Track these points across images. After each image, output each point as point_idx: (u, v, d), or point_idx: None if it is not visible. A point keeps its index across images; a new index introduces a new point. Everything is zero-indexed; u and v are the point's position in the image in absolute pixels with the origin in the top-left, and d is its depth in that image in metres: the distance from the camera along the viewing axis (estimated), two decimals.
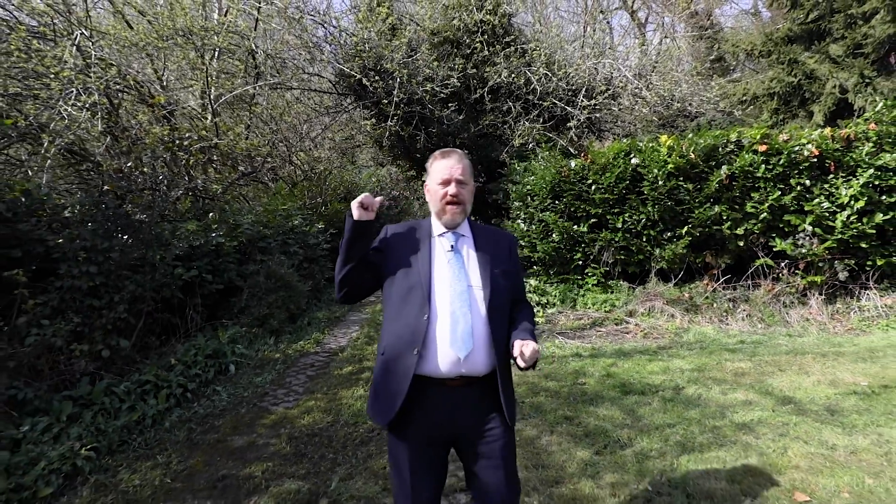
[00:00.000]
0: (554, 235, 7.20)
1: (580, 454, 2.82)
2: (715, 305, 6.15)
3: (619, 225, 6.75)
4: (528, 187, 7.61)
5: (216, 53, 6.87)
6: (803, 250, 5.96)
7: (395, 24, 8.35)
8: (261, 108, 8.25)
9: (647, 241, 6.71)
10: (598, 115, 8.90)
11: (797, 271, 6.18)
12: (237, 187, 7.37)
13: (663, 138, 6.76)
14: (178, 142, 5.54)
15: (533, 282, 7.45)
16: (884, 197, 5.68)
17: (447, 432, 1.54)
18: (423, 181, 1.76)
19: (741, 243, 6.32)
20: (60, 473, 2.85)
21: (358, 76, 7.32)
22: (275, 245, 7.29)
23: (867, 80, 9.83)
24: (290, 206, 8.41)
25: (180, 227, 5.68)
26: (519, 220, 7.92)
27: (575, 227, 7.02)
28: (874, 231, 5.69)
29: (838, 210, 5.82)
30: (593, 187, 6.95)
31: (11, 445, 2.98)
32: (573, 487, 2.49)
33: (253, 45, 7.01)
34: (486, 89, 8.52)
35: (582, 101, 8.34)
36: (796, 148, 6.03)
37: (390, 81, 7.60)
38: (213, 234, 5.88)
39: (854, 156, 5.87)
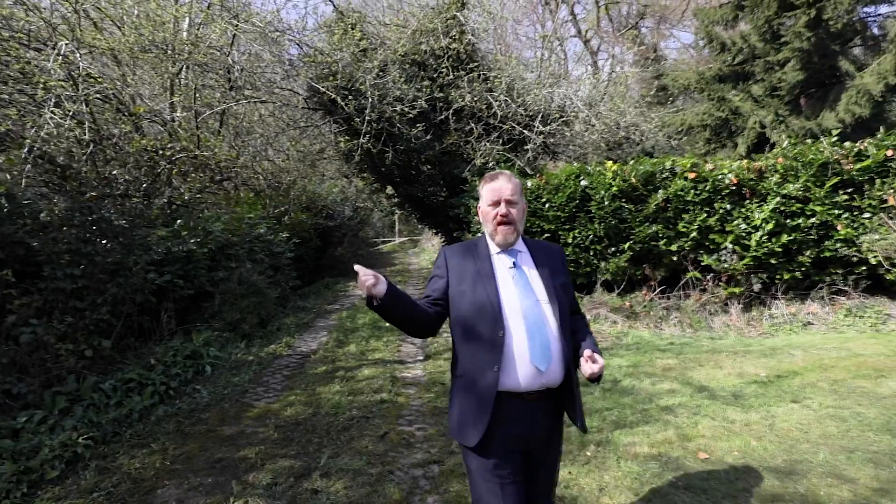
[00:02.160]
0: None
1: None
2: (652, 313, 6.93)
3: (570, 240, 7.46)
4: None
5: (192, 67, 7.10)
6: (726, 265, 6.87)
7: (367, 47, 8.83)
8: (237, 120, 8.48)
9: (594, 255, 7.45)
10: (552, 139, 9.71)
11: (720, 283, 7.08)
12: (209, 195, 7.54)
13: (609, 164, 7.57)
14: (160, 151, 5.74)
15: None
16: (788, 220, 6.67)
17: (524, 444, 1.59)
18: (478, 205, 1.79)
19: (675, 258, 7.17)
20: (63, 459, 3.08)
21: (333, 95, 7.73)
22: (242, 252, 7.51)
23: (781, 118, 11.24)
24: (256, 214, 8.63)
25: (151, 234, 5.86)
26: (479, 234, 8.51)
27: None
28: (781, 249, 6.66)
29: (753, 231, 6.77)
30: (547, 205, 7.65)
31: (11, 434, 3.18)
32: None
33: (230, 61, 7.29)
34: (450, 111, 9.14)
35: (538, 126, 9.11)
36: (719, 176, 6.97)
37: (363, 101, 8.05)
38: (189, 241, 6.08)
39: (765, 185, 6.86)
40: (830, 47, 10.93)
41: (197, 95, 6.89)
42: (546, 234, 7.66)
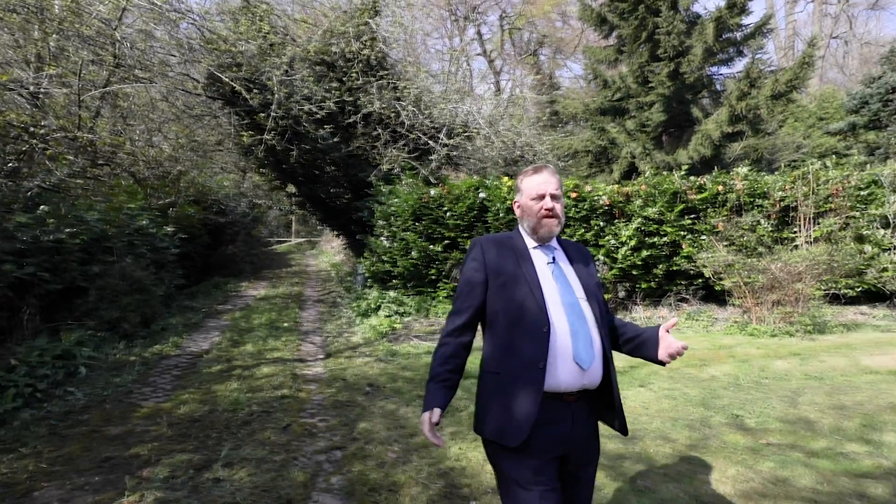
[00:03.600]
0: (413, 253, 8.19)
1: None
2: None
3: (468, 247, 8.03)
4: (393, 208, 8.51)
5: (72, 38, 6.43)
6: (599, 275, 7.91)
7: (275, 42, 8.65)
8: (125, 101, 7.76)
9: None
10: (455, 151, 10.30)
11: None
12: (86, 181, 6.84)
13: (505, 179, 8.30)
14: (31, 129, 5.14)
15: (392, 294, 8.31)
16: (647, 238, 7.90)
17: (563, 448, 1.49)
18: (514, 200, 1.73)
19: None
20: None
21: (236, 87, 7.48)
22: (121, 246, 6.91)
23: (647, 151, 13.10)
24: (136, 205, 7.96)
25: (9, 219, 5.21)
26: (382, 238, 8.76)
27: (431, 246, 8.11)
28: (641, 263, 7.87)
29: (620, 246, 7.90)
30: (448, 213, 8.15)
31: None
32: (424, 438, 3.33)
33: (118, 36, 6.72)
34: (359, 115, 9.28)
35: (443, 138, 9.63)
36: (595, 197, 8.03)
37: (269, 96, 7.89)
38: (61, 230, 5.50)
39: (631, 207, 8.05)
40: (685, 96, 13.02)
41: (82, 72, 6.25)
42: (446, 241, 8.15)
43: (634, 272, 7.94)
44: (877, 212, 7.59)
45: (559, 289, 1.55)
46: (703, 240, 7.69)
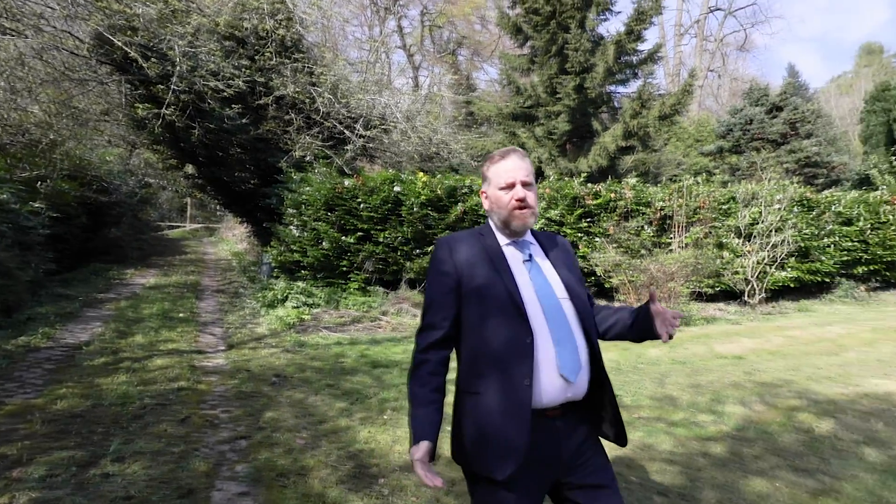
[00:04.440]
0: (324, 243, 8.05)
1: (339, 405, 3.75)
2: None
3: (381, 239, 8.08)
4: (304, 197, 8.28)
5: None
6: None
7: (178, 8, 7.96)
8: None
9: (402, 255, 8.22)
10: (371, 143, 10.25)
11: None
12: None
13: (420, 174, 8.47)
14: None
15: (301, 284, 8.10)
16: None
17: (551, 471, 1.30)
18: (482, 190, 1.52)
19: None
20: None
21: (131, 53, 6.79)
22: None
23: (553, 158, 14.07)
24: None
25: None
26: (292, 227, 8.49)
27: (344, 238, 8.04)
28: None
29: None
30: (362, 205, 8.13)
31: None
32: (333, 424, 3.39)
33: None
34: (271, 97, 8.87)
35: (360, 129, 9.54)
36: None
37: (169, 67, 7.26)
38: None
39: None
40: (588, 109, 14.18)
41: None
42: (360, 233, 8.12)
43: None
44: (733, 223, 8.93)
45: (538, 291, 1.36)
46: (597, 241, 8.50)
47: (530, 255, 1.43)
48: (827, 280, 9.78)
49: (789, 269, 9.10)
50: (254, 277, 10.04)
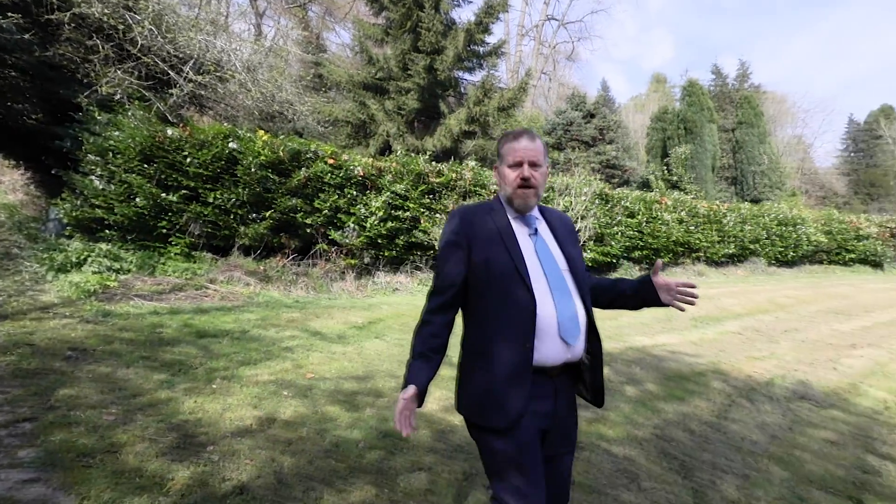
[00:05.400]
0: (139, 200, 6.96)
1: (157, 377, 3.39)
2: (283, 277, 7.68)
3: (212, 200, 7.30)
4: (112, 142, 7.00)
5: None
6: (347, 240, 8.35)
7: None
8: None
9: (235, 219, 7.57)
10: (204, 91, 9.08)
11: (342, 256, 8.56)
12: None
13: (261, 133, 7.84)
14: None
15: (105, 246, 6.89)
16: (394, 212, 8.76)
17: (547, 424, 1.48)
18: (495, 166, 1.64)
19: (309, 231, 8.15)
20: None
21: None
22: None
23: (402, 133, 14.28)
24: None
25: None
26: (93, 177, 7.11)
27: (165, 195, 7.05)
28: (387, 233, 8.68)
29: (370, 216, 8.52)
30: (190, 160, 7.21)
31: None
32: (151, 397, 3.07)
33: None
34: (67, 14, 7.17)
35: (189, 73, 8.35)
36: (351, 167, 8.40)
37: None
38: None
39: (382, 181, 8.75)
40: (437, 90, 14.68)
41: None
42: (185, 191, 7.21)
43: (380, 241, 8.71)
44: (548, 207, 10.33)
45: (543, 263, 1.50)
46: (438, 217, 9.01)
47: (536, 230, 1.56)
48: (614, 261, 12.02)
49: (589, 251, 10.95)
50: (35, 236, 8.15)
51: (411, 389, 1.38)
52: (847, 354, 5.94)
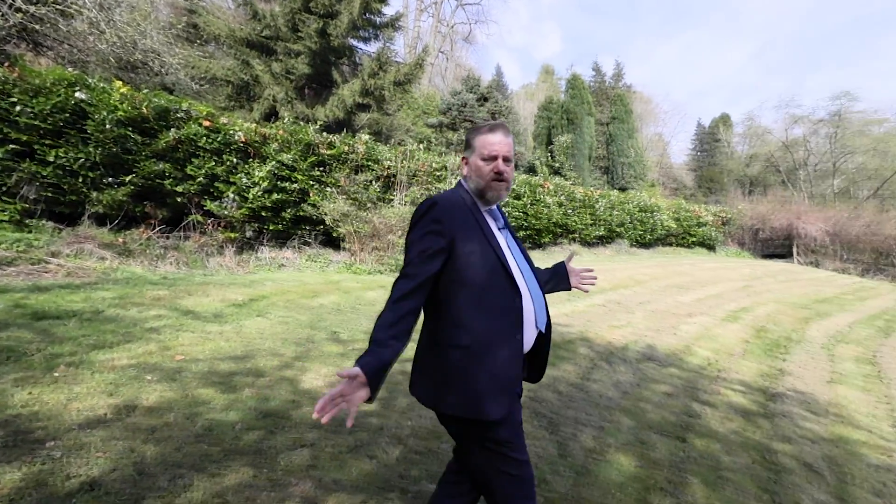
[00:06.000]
0: None
1: None
2: (148, 251, 6.83)
3: (52, 159, 6.20)
4: None
5: None
6: (226, 212, 7.66)
7: None
8: None
9: (85, 183, 6.52)
10: (39, 26, 7.55)
11: (220, 228, 7.85)
12: None
13: (118, 84, 6.78)
14: None
15: None
16: (279, 183, 8.22)
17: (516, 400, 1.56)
18: (463, 156, 1.62)
19: (180, 199, 7.32)
20: None
21: None
22: None
23: (290, 99, 13.37)
24: None
25: None
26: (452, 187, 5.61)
27: None
28: (272, 205, 8.13)
29: (252, 186, 7.90)
30: (20, 108, 6.00)
31: None
32: None
33: None
34: None
35: (17, 0, 6.87)
36: (231, 132, 7.67)
37: None
38: None
39: (267, 149, 8.14)
40: (330, 57, 13.93)
41: None
42: (14, 146, 6.01)
43: (264, 213, 8.14)
44: (443, 187, 10.51)
45: (515, 256, 1.56)
46: (328, 191, 8.67)
47: (504, 223, 1.62)
48: None
49: None
50: None
51: (354, 370, 1.25)
52: (685, 322, 7.01)
